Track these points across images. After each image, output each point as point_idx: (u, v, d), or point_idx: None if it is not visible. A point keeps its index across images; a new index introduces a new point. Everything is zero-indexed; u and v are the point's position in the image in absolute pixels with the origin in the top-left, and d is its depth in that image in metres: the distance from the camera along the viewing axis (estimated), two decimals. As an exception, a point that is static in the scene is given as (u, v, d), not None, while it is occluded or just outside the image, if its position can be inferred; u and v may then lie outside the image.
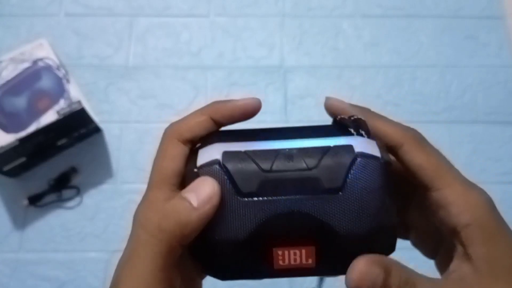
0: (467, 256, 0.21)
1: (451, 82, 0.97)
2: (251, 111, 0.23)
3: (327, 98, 0.25)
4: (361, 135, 0.22)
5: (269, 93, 0.96)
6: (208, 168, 0.21)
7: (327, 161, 0.21)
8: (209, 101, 0.23)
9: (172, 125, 0.23)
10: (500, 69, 0.99)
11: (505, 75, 0.99)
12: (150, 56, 0.99)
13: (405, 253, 0.28)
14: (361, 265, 0.20)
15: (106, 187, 0.89)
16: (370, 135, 0.23)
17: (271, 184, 0.20)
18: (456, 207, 0.21)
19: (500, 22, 1.03)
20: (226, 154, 0.21)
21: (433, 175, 0.22)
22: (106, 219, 0.87)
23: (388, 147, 0.23)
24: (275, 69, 0.98)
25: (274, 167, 0.21)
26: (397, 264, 0.20)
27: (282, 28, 1.02)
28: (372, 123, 0.23)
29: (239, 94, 0.96)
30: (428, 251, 0.26)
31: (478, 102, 0.96)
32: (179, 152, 0.22)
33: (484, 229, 0.21)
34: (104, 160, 0.91)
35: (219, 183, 0.21)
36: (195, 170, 0.21)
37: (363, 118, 0.23)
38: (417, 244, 0.27)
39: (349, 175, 0.21)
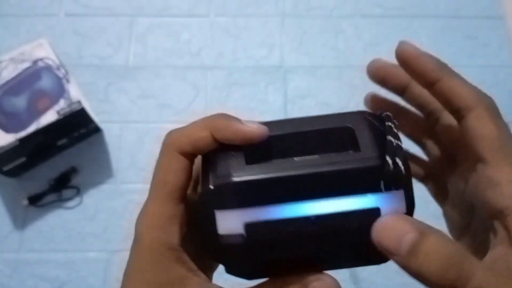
0: (510, 242, 0.19)
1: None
2: (254, 140, 0.21)
3: (402, 43, 0.23)
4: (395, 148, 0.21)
5: (269, 93, 0.96)
6: (233, 240, 0.20)
7: (351, 228, 0.20)
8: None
9: (172, 135, 0.22)
10: (500, 69, 0.99)
11: (505, 75, 0.99)
12: (150, 56, 0.99)
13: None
14: (389, 217, 0.19)
15: (106, 187, 0.89)
16: (400, 139, 0.21)
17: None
18: (509, 189, 0.19)
19: (500, 22, 1.03)
20: (249, 228, 0.20)
21: (494, 149, 0.20)
22: (106, 219, 0.87)
23: (456, 109, 0.22)
24: (275, 69, 0.98)
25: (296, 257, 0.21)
26: (444, 234, 0.18)
27: (282, 28, 1.02)
28: (447, 82, 0.22)
29: (239, 94, 0.96)
30: (456, 227, 0.24)
31: (478, 102, 0.96)
32: (181, 166, 0.21)
33: None
34: (104, 160, 0.91)
35: (242, 258, 0.21)
36: (219, 235, 0.21)
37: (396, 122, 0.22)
38: (447, 216, 0.25)
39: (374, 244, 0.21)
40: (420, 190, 0.22)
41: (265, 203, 0.20)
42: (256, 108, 0.95)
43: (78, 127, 0.86)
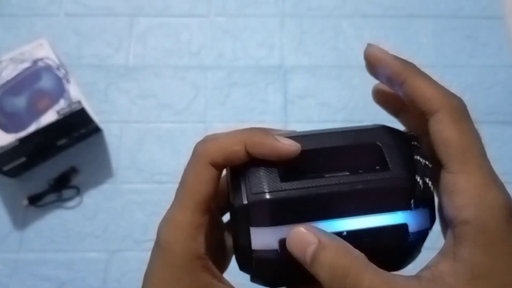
0: (452, 256, 0.19)
1: (451, 82, 0.97)
2: (288, 157, 0.21)
3: (369, 45, 0.22)
4: (426, 182, 0.21)
5: (269, 93, 0.96)
6: (266, 255, 0.21)
7: (380, 246, 0.21)
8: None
9: (206, 145, 0.22)
10: (500, 69, 0.99)
11: (505, 75, 0.99)
12: (150, 56, 0.99)
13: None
14: (299, 229, 0.20)
15: (106, 187, 0.89)
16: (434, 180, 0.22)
17: None
18: (462, 198, 0.19)
19: (500, 22, 1.03)
20: (283, 244, 0.21)
21: (455, 156, 0.19)
22: (106, 219, 0.87)
23: (421, 112, 0.21)
24: (275, 69, 0.98)
25: None
26: (342, 246, 0.19)
27: (282, 28, 1.02)
28: (411, 84, 0.21)
29: (239, 94, 0.96)
30: (441, 229, 0.24)
31: (478, 102, 0.96)
32: (211, 177, 0.22)
33: (486, 233, 0.18)
34: (104, 160, 0.91)
35: (273, 270, 0.21)
36: (252, 250, 0.21)
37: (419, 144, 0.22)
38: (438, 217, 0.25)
39: (400, 255, 0.21)
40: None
41: (299, 220, 0.20)
42: (256, 108, 0.95)
43: (78, 127, 0.86)
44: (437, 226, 0.22)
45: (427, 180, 0.21)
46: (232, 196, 0.22)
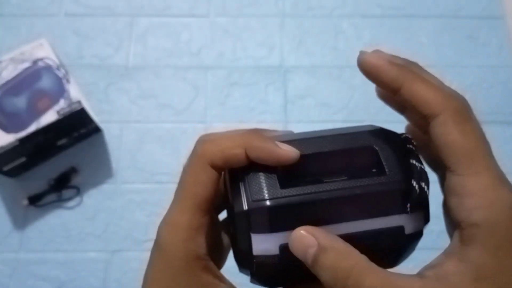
0: (458, 256, 0.18)
1: (451, 82, 0.97)
2: (287, 163, 0.21)
3: (361, 53, 0.22)
4: (421, 186, 0.22)
5: (269, 93, 0.96)
6: (267, 260, 0.21)
7: (377, 247, 0.21)
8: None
9: (205, 146, 0.22)
10: (500, 69, 0.99)
11: (505, 75, 0.99)
12: (150, 56, 0.99)
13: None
14: (299, 232, 0.20)
15: (106, 187, 0.89)
16: (428, 183, 0.22)
17: None
18: (471, 201, 0.18)
19: (500, 22, 1.03)
20: (284, 250, 0.21)
21: (461, 158, 0.19)
22: (106, 219, 0.87)
23: (423, 116, 0.20)
24: (275, 69, 0.98)
25: None
26: (342, 248, 0.19)
27: (282, 28, 1.02)
28: (409, 88, 0.20)
29: (239, 94, 0.96)
30: (447, 230, 0.24)
31: (478, 102, 0.96)
32: (211, 179, 0.21)
33: (495, 236, 0.18)
34: (104, 160, 0.91)
35: (273, 273, 0.22)
36: (253, 255, 0.21)
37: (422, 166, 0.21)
38: (444, 217, 0.25)
39: (395, 254, 0.22)
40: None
41: (300, 225, 0.21)
42: (256, 108, 0.95)
43: (78, 127, 0.86)
44: (433, 226, 0.23)
45: (423, 184, 0.21)
46: (232, 200, 0.22)
